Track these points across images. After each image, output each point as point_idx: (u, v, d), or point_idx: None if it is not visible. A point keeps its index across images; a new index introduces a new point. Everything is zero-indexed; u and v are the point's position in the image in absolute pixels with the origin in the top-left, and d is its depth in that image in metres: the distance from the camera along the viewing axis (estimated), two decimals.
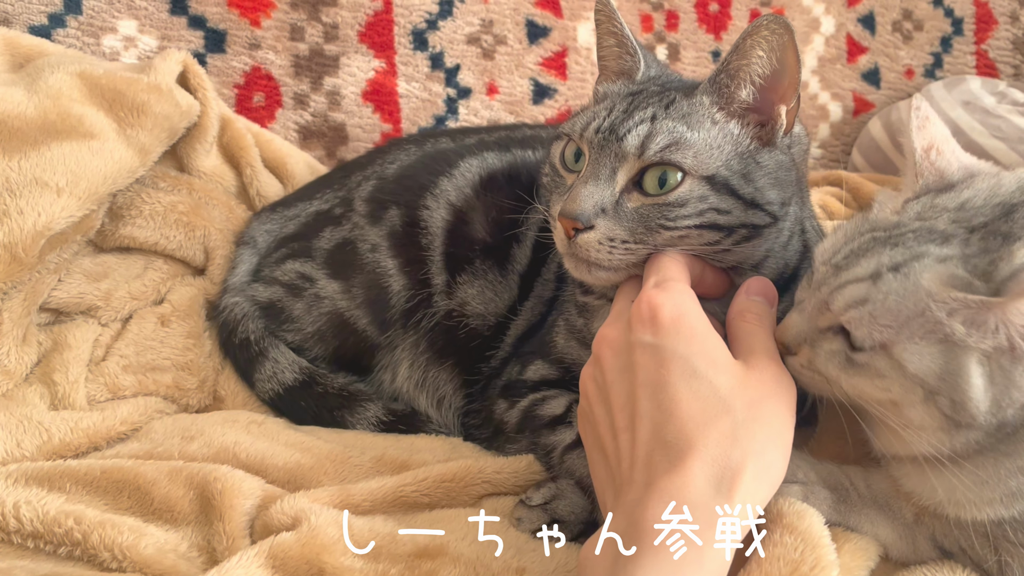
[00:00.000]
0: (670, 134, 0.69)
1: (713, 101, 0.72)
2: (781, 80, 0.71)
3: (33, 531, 0.69)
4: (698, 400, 0.60)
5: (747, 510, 0.58)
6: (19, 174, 0.93)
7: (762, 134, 0.73)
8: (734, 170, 0.70)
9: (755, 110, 0.73)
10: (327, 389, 0.96)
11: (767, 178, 0.71)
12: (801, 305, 0.65)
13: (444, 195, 0.98)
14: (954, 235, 0.58)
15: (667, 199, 0.69)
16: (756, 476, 0.58)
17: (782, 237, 0.74)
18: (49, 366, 0.93)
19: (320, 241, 1.02)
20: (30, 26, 1.25)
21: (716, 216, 0.69)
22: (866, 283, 0.58)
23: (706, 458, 0.57)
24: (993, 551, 0.63)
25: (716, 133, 0.71)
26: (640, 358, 0.63)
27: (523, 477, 0.81)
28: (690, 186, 0.69)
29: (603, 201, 0.70)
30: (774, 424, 0.61)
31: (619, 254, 0.70)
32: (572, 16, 1.54)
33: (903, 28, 1.74)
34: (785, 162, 0.73)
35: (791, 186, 0.73)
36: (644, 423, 0.61)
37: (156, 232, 1.08)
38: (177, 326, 1.03)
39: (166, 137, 1.10)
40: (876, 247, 0.60)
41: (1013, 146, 1.35)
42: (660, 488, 0.57)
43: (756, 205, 0.70)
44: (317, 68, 1.42)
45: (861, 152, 1.66)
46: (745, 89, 0.72)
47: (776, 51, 0.69)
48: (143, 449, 0.85)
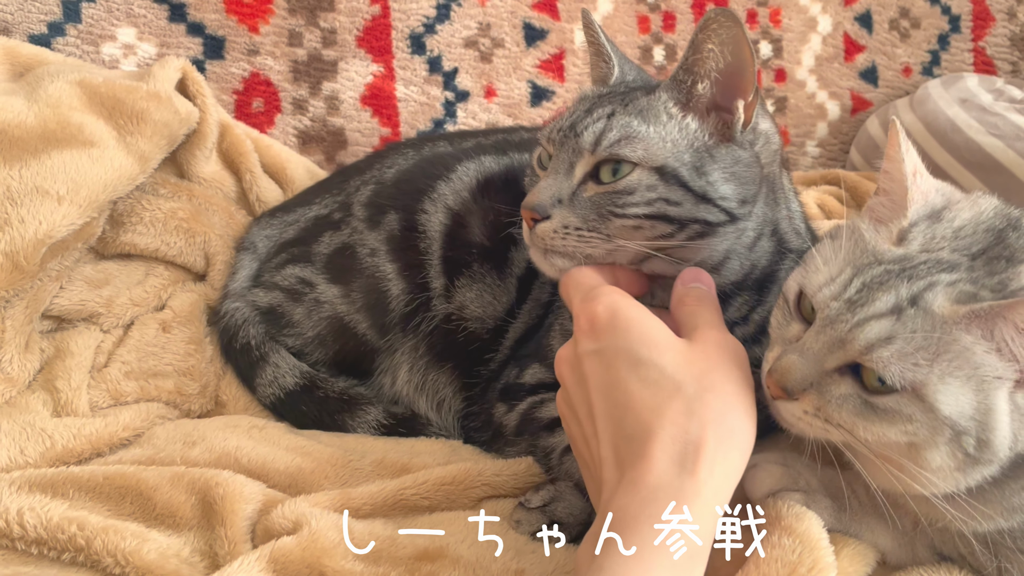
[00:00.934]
0: (623, 129, 0.72)
1: (671, 97, 0.74)
2: (736, 74, 0.71)
3: (37, 537, 0.70)
4: (648, 386, 0.61)
5: (721, 481, 0.58)
6: (20, 183, 0.94)
7: (724, 130, 0.73)
8: (685, 162, 0.71)
9: (715, 106, 0.73)
10: (328, 393, 0.97)
11: (722, 172, 0.71)
12: (801, 346, 0.61)
13: (442, 199, 0.98)
14: (958, 263, 0.58)
15: (616, 187, 0.71)
16: (719, 444, 0.58)
17: (744, 238, 0.74)
18: (52, 373, 0.94)
19: (319, 246, 1.03)
20: (30, 35, 1.25)
21: (666, 207, 0.70)
22: (889, 319, 0.56)
23: (665, 439, 0.58)
24: (993, 557, 0.64)
25: (672, 127, 0.73)
26: (589, 366, 0.64)
27: (522, 479, 0.82)
28: (639, 175, 0.71)
29: (560, 193, 0.73)
30: (728, 389, 0.61)
31: (573, 241, 0.72)
32: (569, 18, 1.55)
33: (900, 26, 1.74)
34: (745, 158, 0.73)
35: (753, 184, 0.73)
36: (606, 424, 0.62)
37: (157, 238, 1.09)
38: (178, 332, 1.03)
39: (166, 144, 1.11)
40: (891, 280, 0.58)
41: (1010, 143, 1.35)
42: (628, 479, 0.58)
43: (708, 199, 0.71)
44: (316, 73, 1.42)
45: (859, 150, 1.66)
46: (701, 84, 0.73)
47: (727, 44, 0.70)
48: (145, 455, 0.85)
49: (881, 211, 0.65)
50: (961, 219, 0.62)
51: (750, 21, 1.66)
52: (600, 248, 0.72)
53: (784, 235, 0.78)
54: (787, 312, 0.65)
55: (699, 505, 0.56)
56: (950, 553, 0.67)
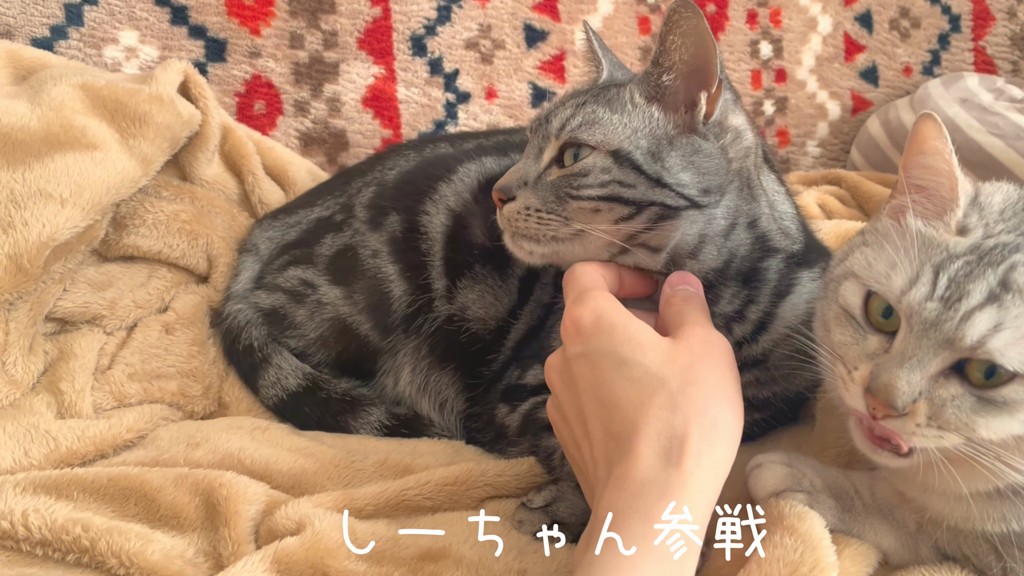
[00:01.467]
0: (587, 115, 0.75)
1: (639, 88, 0.76)
2: (700, 66, 0.72)
3: (42, 539, 0.70)
4: (633, 384, 0.61)
5: (708, 473, 0.58)
6: (23, 186, 0.94)
7: (692, 122, 0.74)
8: (641, 147, 0.73)
9: (684, 98, 0.74)
10: (330, 394, 0.97)
11: (680, 160, 0.73)
12: (897, 357, 0.58)
13: (443, 200, 0.99)
14: (1019, 242, 0.57)
15: (573, 169, 0.74)
16: (704, 436, 0.58)
17: (715, 225, 0.74)
18: (55, 375, 0.94)
19: (321, 248, 1.03)
20: (32, 38, 1.26)
21: (620, 189, 0.72)
22: (991, 307, 0.55)
23: (651, 434, 0.59)
24: (998, 558, 0.64)
25: (636, 115, 0.75)
26: (576, 369, 0.65)
27: (525, 480, 0.82)
28: (594, 158, 0.74)
29: (527, 175, 0.77)
30: (711, 382, 0.61)
31: (534, 223, 0.75)
32: (570, 19, 1.55)
33: (900, 26, 1.75)
34: (707, 149, 0.74)
35: (717, 175, 0.74)
36: (595, 425, 0.63)
37: (159, 241, 1.09)
38: (181, 334, 1.04)
39: (168, 147, 1.11)
40: (975, 270, 0.56)
41: (1010, 143, 1.35)
42: (615, 476, 0.59)
43: (663, 184, 0.72)
44: (317, 75, 1.43)
45: (860, 150, 1.66)
46: (667, 75, 0.74)
47: (689, 35, 0.71)
48: (149, 456, 0.85)
49: (919, 206, 0.63)
50: (997, 203, 0.62)
51: (750, 22, 1.66)
52: (561, 232, 0.74)
53: (766, 232, 0.78)
54: (857, 327, 0.62)
55: (687, 498, 0.56)
56: (954, 553, 0.67)
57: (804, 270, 0.80)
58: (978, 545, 0.65)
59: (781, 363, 0.78)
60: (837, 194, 1.46)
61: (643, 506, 0.56)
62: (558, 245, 0.75)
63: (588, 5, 1.56)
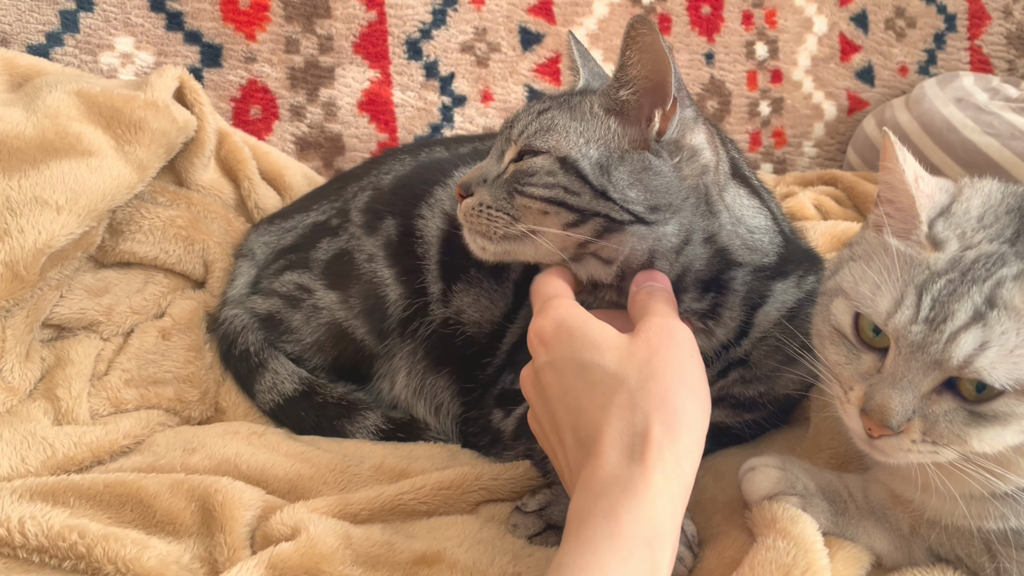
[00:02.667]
0: (545, 122, 0.77)
1: (600, 100, 0.77)
2: (656, 83, 0.73)
3: (38, 545, 0.70)
4: (595, 388, 0.62)
5: (672, 466, 0.58)
6: (19, 193, 0.94)
7: (646, 136, 0.75)
8: (590, 158, 0.74)
9: (644, 112, 0.75)
10: (326, 399, 0.97)
11: (628, 176, 0.73)
12: (889, 377, 0.59)
13: (439, 204, 0.99)
14: (1004, 252, 0.58)
15: (521, 166, 0.76)
16: (666, 429, 0.59)
17: (665, 241, 0.74)
18: (52, 382, 0.95)
19: (317, 252, 1.03)
20: (28, 45, 1.26)
21: (564, 194, 0.74)
22: (976, 327, 0.55)
23: (613, 435, 0.59)
24: (991, 559, 0.64)
25: (593, 125, 0.76)
26: (545, 379, 0.66)
27: (520, 483, 0.82)
28: (543, 160, 0.75)
29: (488, 174, 0.79)
30: (669, 374, 0.62)
31: (485, 219, 0.77)
32: (565, 22, 1.55)
33: (896, 26, 1.75)
34: (657, 167, 0.74)
35: (668, 194, 0.73)
36: (566, 432, 0.64)
37: (156, 247, 1.10)
38: (178, 339, 1.04)
39: (164, 153, 1.11)
40: (959, 288, 0.57)
41: (1005, 143, 1.36)
42: (582, 480, 0.59)
43: (608, 197, 0.73)
44: (313, 80, 1.43)
45: (856, 150, 1.66)
46: (625, 90, 0.74)
47: (646, 51, 0.71)
48: (145, 462, 0.86)
49: (893, 221, 0.64)
50: (974, 207, 0.62)
51: (746, 23, 1.66)
52: (510, 230, 0.76)
53: (726, 247, 0.77)
54: (850, 346, 0.63)
55: (652, 491, 0.56)
56: (947, 555, 0.67)
57: (777, 282, 0.79)
58: (971, 546, 0.65)
59: (762, 361, 0.79)
60: (833, 194, 1.47)
61: (607, 504, 0.56)
62: (509, 244, 0.77)
63: (583, 7, 1.56)
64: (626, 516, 0.55)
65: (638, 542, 0.54)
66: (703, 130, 0.77)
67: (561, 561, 0.55)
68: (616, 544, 0.54)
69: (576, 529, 0.56)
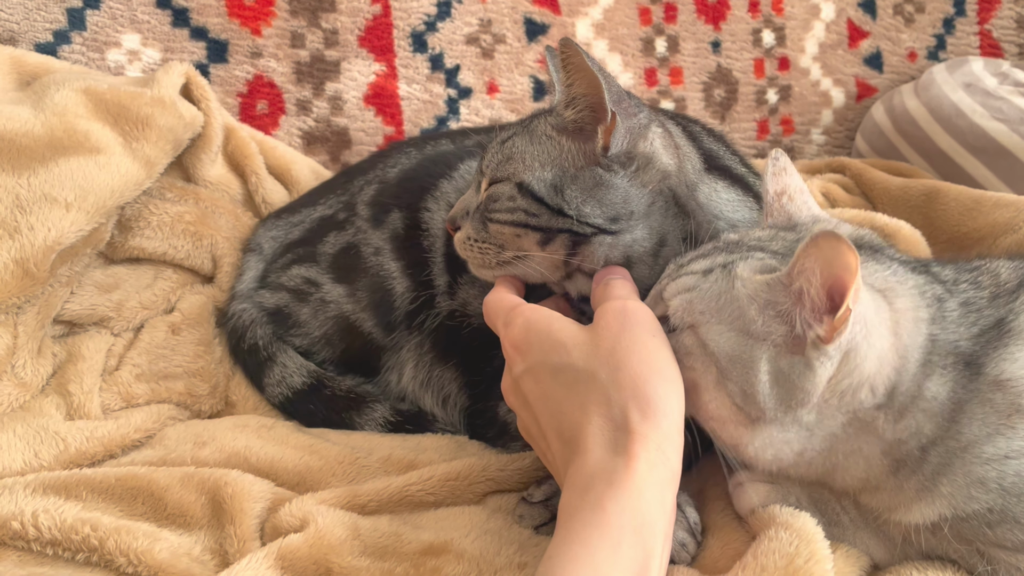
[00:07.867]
0: (506, 151, 0.80)
1: (551, 121, 0.79)
2: (594, 100, 0.74)
3: (52, 539, 0.71)
4: (570, 388, 0.63)
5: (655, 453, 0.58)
6: (28, 191, 0.95)
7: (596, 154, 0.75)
8: (544, 180, 0.76)
9: (590, 129, 0.76)
10: (335, 392, 0.98)
11: (580, 194, 0.75)
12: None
13: (445, 197, 0.99)
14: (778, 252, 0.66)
15: (484, 195, 0.80)
16: (644, 417, 0.59)
17: (637, 246, 0.75)
18: (64, 377, 0.96)
19: (324, 246, 1.04)
20: (36, 43, 1.27)
21: (526, 216, 0.76)
22: (697, 275, 0.65)
23: (594, 431, 0.60)
24: (983, 560, 0.64)
25: (548, 146, 0.78)
26: (525, 386, 0.67)
27: (527, 474, 0.83)
28: (503, 187, 0.78)
29: (469, 206, 0.82)
30: (634, 360, 0.62)
31: (477, 252, 0.80)
32: (570, 12, 1.55)
33: (904, 11, 1.73)
34: (609, 181, 0.75)
35: (626, 204, 0.74)
36: (551, 434, 0.64)
37: (164, 242, 1.11)
38: (188, 334, 1.05)
39: (171, 149, 1.12)
40: (714, 253, 0.67)
41: (1014, 127, 1.34)
42: (569, 477, 0.60)
43: (564, 214, 0.74)
44: (319, 74, 1.43)
45: (864, 137, 1.65)
46: (570, 109, 0.76)
47: (578, 72, 0.73)
48: (157, 456, 0.87)
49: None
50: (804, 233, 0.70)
51: (752, 10, 1.65)
52: (501, 257, 0.78)
53: None
54: None
55: (636, 480, 0.57)
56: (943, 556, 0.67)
57: None
58: (960, 551, 0.65)
59: None
60: (841, 182, 1.46)
61: (593, 497, 0.56)
62: (507, 269, 0.79)
63: None
64: (612, 506, 0.55)
65: (626, 531, 0.55)
66: (658, 135, 0.78)
67: (552, 553, 0.56)
68: (604, 534, 0.55)
69: (565, 522, 0.57)
